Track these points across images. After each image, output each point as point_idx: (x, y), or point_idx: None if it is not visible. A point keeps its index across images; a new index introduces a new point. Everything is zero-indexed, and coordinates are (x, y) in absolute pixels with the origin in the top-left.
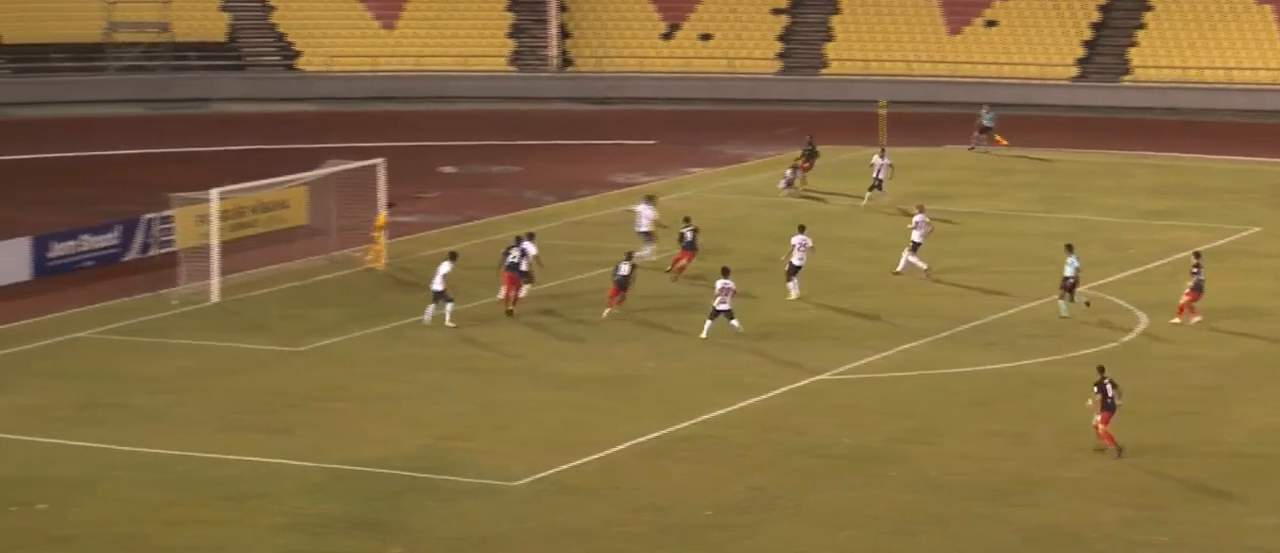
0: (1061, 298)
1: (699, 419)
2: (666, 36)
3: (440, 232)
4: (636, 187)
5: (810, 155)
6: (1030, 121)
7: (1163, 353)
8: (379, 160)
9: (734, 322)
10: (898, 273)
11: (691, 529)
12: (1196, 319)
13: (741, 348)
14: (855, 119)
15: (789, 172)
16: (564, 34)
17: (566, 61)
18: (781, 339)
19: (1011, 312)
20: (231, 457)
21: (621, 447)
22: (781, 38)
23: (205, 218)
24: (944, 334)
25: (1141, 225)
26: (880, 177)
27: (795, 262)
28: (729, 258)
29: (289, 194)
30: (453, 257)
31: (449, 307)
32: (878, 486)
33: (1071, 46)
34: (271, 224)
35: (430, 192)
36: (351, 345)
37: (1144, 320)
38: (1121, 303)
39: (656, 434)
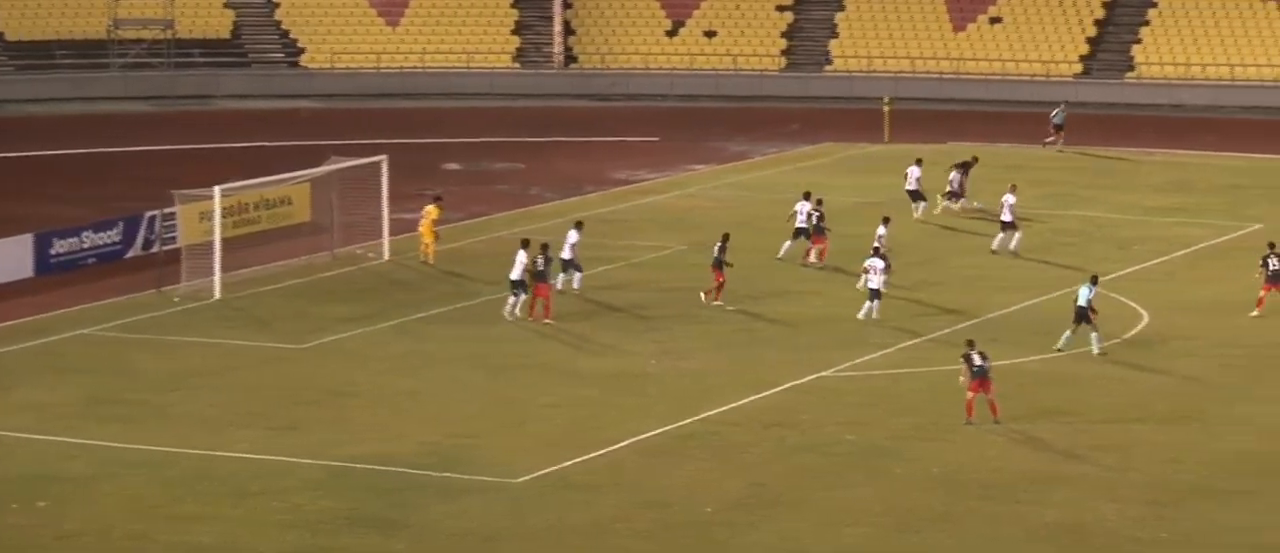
0: (1071, 329)
1: (701, 416)
2: (671, 33)
3: (445, 228)
4: (639, 184)
5: (966, 167)
6: (1034, 119)
7: (1167, 350)
8: (382, 157)
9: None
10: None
11: (693, 526)
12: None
13: (746, 345)
14: (860, 116)
15: (954, 178)
16: (568, 31)
17: (571, 58)
18: (782, 337)
19: (1015, 308)
20: (235, 454)
21: (624, 444)
22: (786, 35)
23: (208, 215)
24: (947, 331)
25: (1146, 223)
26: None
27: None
28: (734, 255)
29: (292, 191)
30: (525, 245)
31: (522, 297)
32: (882, 483)
33: (1076, 43)
34: (275, 221)
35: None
36: (356, 342)
37: (1146, 318)
38: (1125, 300)
39: (659, 431)
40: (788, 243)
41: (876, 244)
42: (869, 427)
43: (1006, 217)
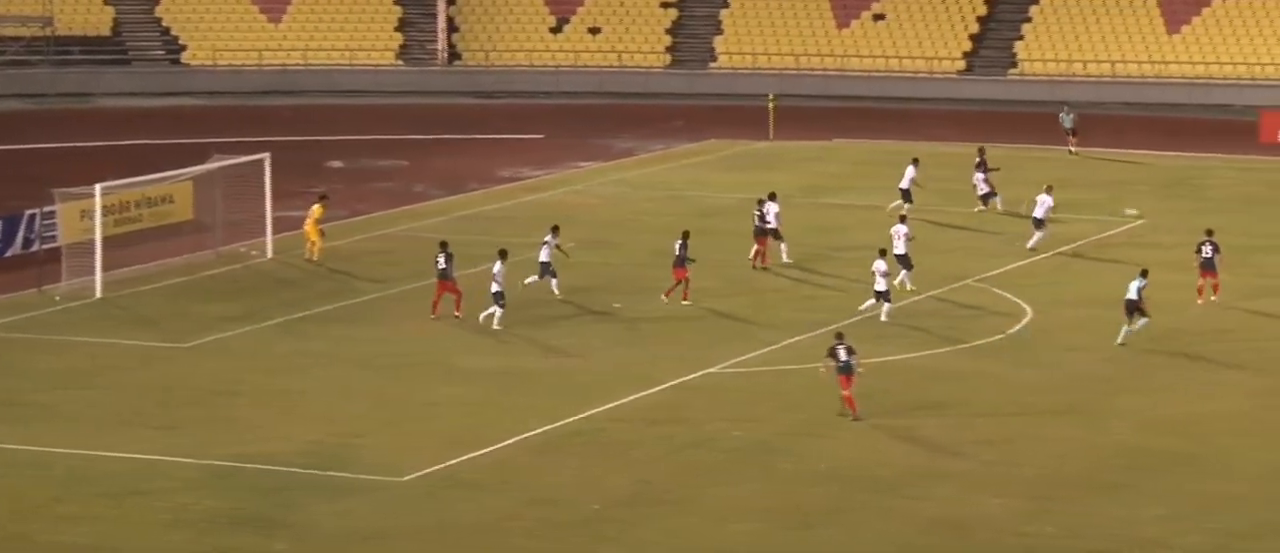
0: (1126, 323)
1: (588, 414)
2: (555, 30)
3: (329, 226)
4: (524, 181)
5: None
6: (919, 115)
7: (1050, 344)
8: (264, 155)
9: (886, 305)
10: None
11: (580, 524)
12: (1213, 298)
13: (632, 342)
14: (745, 113)
15: (982, 181)
16: (452, 28)
17: (454, 56)
18: (671, 333)
19: (902, 304)
20: (117, 454)
21: (511, 442)
22: (671, 32)
23: (89, 213)
24: (833, 327)
25: (1030, 219)
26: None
27: (899, 250)
28: (618, 252)
29: (174, 189)
30: (503, 255)
31: (499, 311)
32: (770, 479)
33: (959, 40)
34: (156, 219)
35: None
36: (240, 341)
37: (1030, 313)
38: (1009, 296)
39: (546, 429)
40: (756, 246)
41: (896, 245)
42: (756, 423)
43: (1039, 213)
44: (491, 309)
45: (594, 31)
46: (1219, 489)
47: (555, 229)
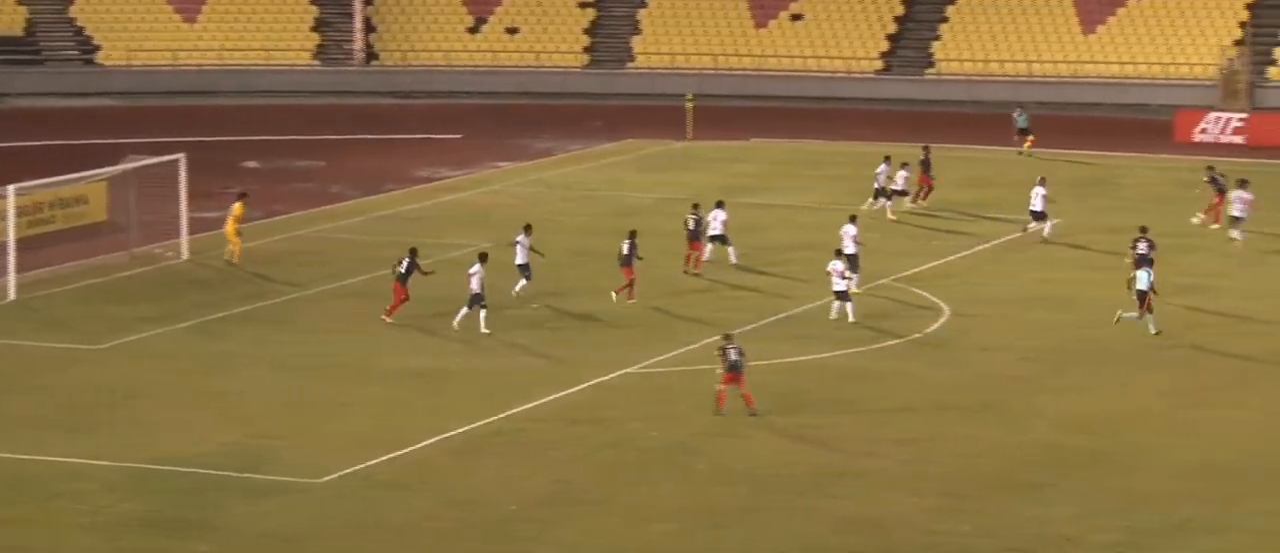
0: (1138, 313)
1: (506, 414)
2: (473, 30)
3: (245, 227)
4: (442, 181)
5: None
6: (837, 114)
7: (967, 343)
8: (180, 156)
9: (849, 304)
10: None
11: (498, 524)
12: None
13: (551, 342)
14: (663, 113)
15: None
16: (369, 28)
17: (371, 55)
18: (590, 333)
19: (820, 303)
20: (33, 457)
21: (429, 442)
22: (588, 31)
23: (2, 215)
24: (751, 327)
25: (946, 218)
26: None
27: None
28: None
29: (88, 190)
30: (483, 258)
31: (483, 313)
32: (687, 479)
33: (876, 40)
34: (71, 221)
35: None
36: (156, 343)
37: (947, 312)
38: (926, 295)
39: (464, 429)
40: (710, 247)
41: (846, 246)
42: (672, 423)
43: (1037, 206)
44: (466, 311)
45: (512, 31)
46: (1132, 487)
47: (528, 228)
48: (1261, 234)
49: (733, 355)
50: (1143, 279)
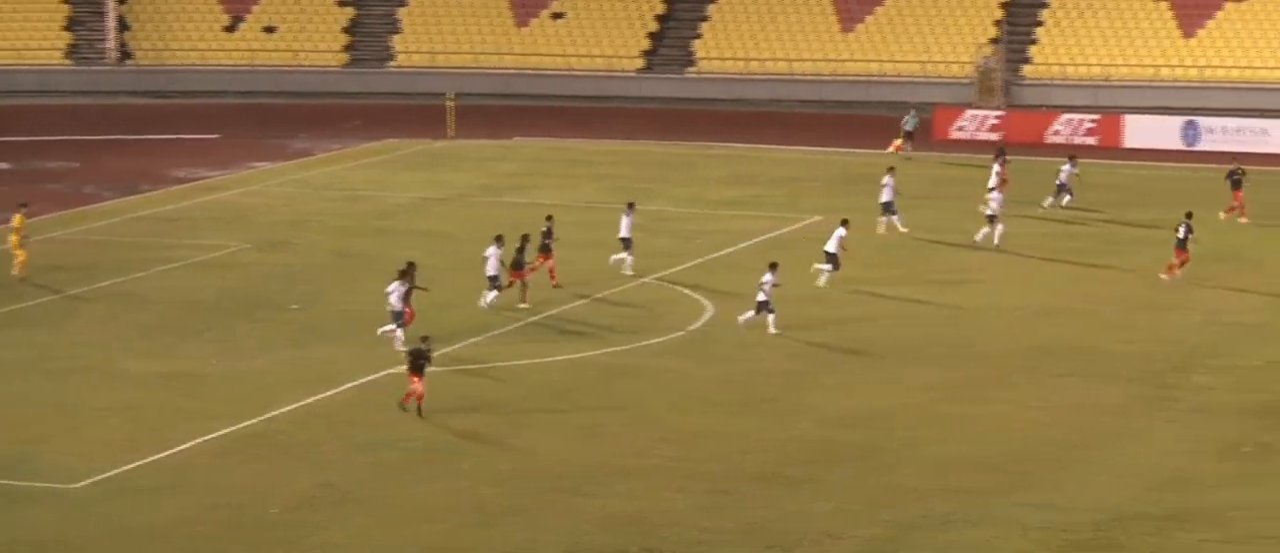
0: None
1: (267, 415)
2: (230, 29)
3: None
4: (200, 181)
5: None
6: (599, 113)
7: (733, 341)
8: None
9: (772, 316)
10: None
11: (260, 527)
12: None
13: (311, 343)
14: (424, 112)
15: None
16: (123, 26)
17: (126, 54)
18: (352, 334)
19: (585, 302)
20: None
21: (188, 446)
22: (348, 30)
23: None
24: (517, 326)
25: (709, 216)
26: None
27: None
28: (295, 253)
29: None
30: (499, 241)
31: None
32: (452, 478)
33: (637, 39)
34: None
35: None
36: None
37: (711, 310)
38: (690, 293)
39: (224, 432)
40: (624, 255)
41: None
42: (439, 423)
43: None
44: (391, 327)
45: (269, 30)
46: (894, 482)
47: (499, 239)
48: (1024, 231)
49: (422, 362)
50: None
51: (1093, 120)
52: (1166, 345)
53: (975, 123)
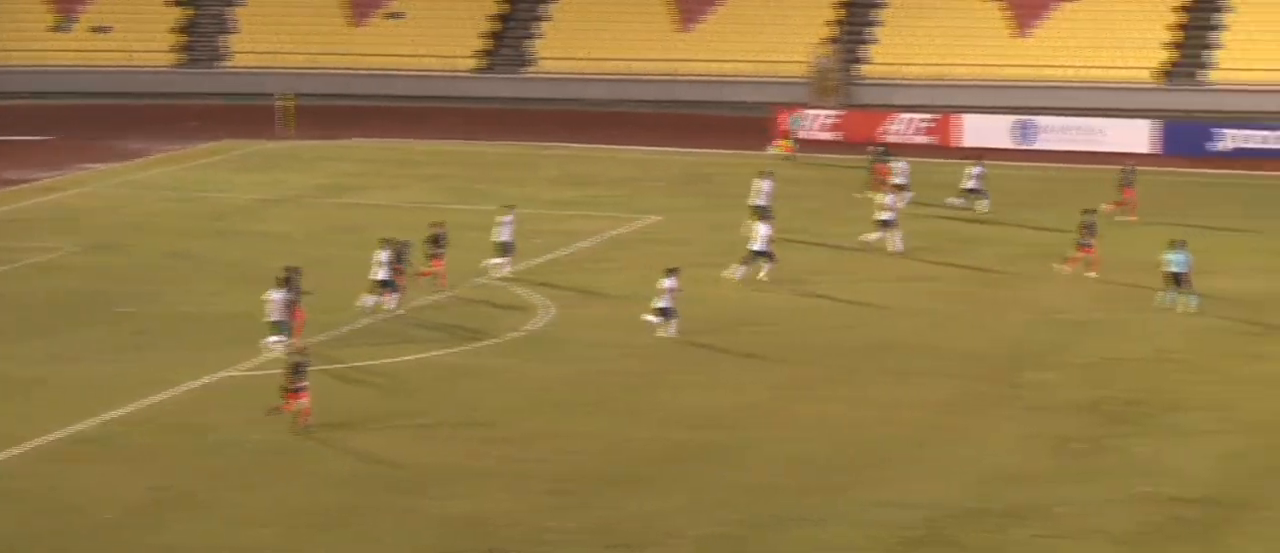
0: (1175, 292)
1: (101, 419)
2: (59, 28)
3: None
4: (32, 183)
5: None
6: (437, 113)
7: (575, 340)
8: None
9: (672, 322)
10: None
11: (95, 531)
12: (1091, 274)
13: (144, 346)
14: (260, 112)
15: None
16: None
17: None
18: (185, 336)
19: (421, 303)
20: None
21: (20, 450)
22: (182, 30)
23: None
24: (353, 327)
25: (547, 216)
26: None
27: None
28: (128, 254)
29: None
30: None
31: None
32: (290, 481)
33: (475, 38)
34: None
35: None
36: None
37: (552, 310)
38: (528, 293)
39: (55, 437)
40: (499, 260)
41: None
42: (274, 427)
43: (884, 218)
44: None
45: (101, 30)
46: (740, 480)
47: (387, 242)
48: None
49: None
50: (1179, 262)
51: (928, 120)
52: (1004, 343)
53: (813, 122)
